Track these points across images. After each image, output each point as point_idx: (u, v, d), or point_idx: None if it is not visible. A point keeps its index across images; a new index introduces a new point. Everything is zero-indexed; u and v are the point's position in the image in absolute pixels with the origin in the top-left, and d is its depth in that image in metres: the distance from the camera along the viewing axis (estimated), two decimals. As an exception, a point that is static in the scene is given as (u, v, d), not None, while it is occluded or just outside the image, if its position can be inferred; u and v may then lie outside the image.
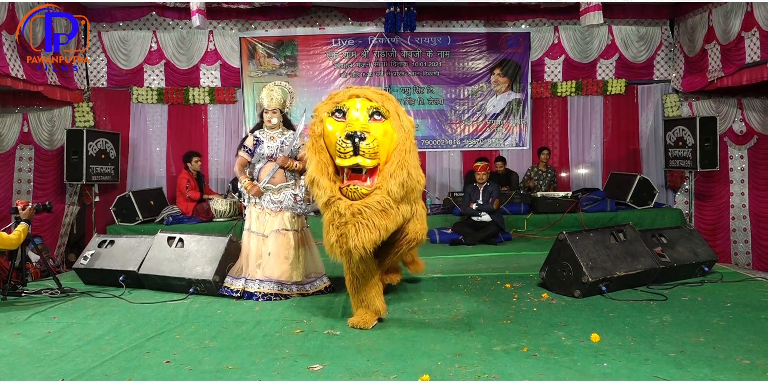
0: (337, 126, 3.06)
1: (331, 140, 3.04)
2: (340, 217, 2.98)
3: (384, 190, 2.99)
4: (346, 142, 2.91)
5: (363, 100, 3.12)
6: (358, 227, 2.95)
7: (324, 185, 3.00)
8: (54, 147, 7.16)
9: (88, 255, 4.86)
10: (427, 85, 8.33)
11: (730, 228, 7.74)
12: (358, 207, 2.97)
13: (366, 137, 2.91)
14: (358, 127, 2.95)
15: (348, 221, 2.97)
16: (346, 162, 2.94)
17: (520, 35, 8.26)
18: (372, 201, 2.97)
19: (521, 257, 5.68)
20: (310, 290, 4.36)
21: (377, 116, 3.07)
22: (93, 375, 2.74)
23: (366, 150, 2.90)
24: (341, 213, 2.97)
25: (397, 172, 3.01)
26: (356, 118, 3.04)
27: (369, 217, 2.95)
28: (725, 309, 3.69)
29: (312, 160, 3.07)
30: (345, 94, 3.20)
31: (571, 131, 8.42)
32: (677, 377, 2.56)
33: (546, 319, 3.51)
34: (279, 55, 8.18)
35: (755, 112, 7.58)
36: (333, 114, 3.12)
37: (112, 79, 7.92)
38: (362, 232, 2.95)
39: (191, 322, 3.64)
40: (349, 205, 2.97)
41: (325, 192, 3.00)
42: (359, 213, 2.95)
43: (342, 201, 2.99)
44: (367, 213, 2.95)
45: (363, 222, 2.95)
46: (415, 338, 3.19)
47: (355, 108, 3.08)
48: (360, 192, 2.99)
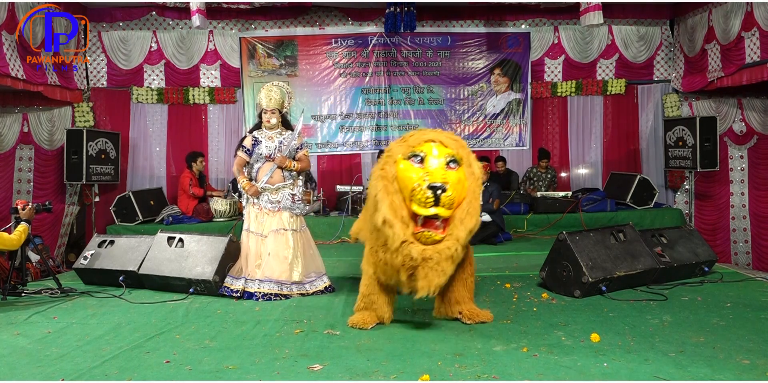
0: (413, 170, 3.10)
1: (406, 184, 3.09)
2: (412, 261, 3.08)
3: (454, 237, 3.09)
4: (427, 192, 2.98)
5: (439, 145, 3.17)
6: (427, 271, 3.06)
7: (398, 228, 3.08)
8: (54, 147, 7.16)
9: (88, 255, 4.86)
10: (427, 85, 8.33)
11: (730, 228, 7.74)
12: (429, 253, 3.06)
13: (447, 189, 2.98)
14: (439, 178, 3.01)
15: (419, 265, 3.07)
16: (426, 212, 3.01)
17: (520, 35, 8.26)
18: (442, 248, 3.07)
19: (521, 257, 5.68)
20: (310, 290, 4.36)
21: (453, 164, 3.13)
22: (93, 375, 2.74)
23: (446, 201, 2.98)
24: (413, 257, 3.06)
25: (467, 220, 3.11)
26: (435, 166, 3.09)
27: (439, 262, 3.06)
28: (725, 309, 3.69)
29: (385, 201, 3.12)
30: (421, 138, 3.24)
31: (571, 131, 8.42)
32: (677, 377, 2.56)
33: (546, 319, 3.51)
34: (279, 55, 8.17)
35: (755, 112, 7.58)
36: (410, 158, 3.16)
37: (112, 79, 7.92)
38: (431, 276, 3.06)
39: (191, 322, 3.64)
40: (422, 250, 3.06)
41: (399, 236, 3.07)
42: (430, 258, 3.06)
43: (414, 246, 3.07)
44: (437, 259, 3.06)
45: (434, 267, 3.06)
46: (415, 338, 3.19)
47: (433, 155, 3.12)
48: (433, 239, 3.08)
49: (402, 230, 3.06)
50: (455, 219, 3.10)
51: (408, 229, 3.08)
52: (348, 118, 8.30)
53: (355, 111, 8.30)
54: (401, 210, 3.09)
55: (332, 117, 8.30)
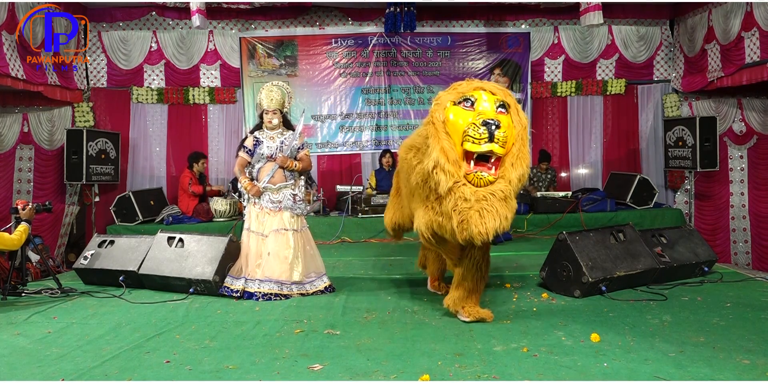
0: (464, 114, 3.11)
1: (457, 127, 3.08)
2: (465, 202, 3.02)
3: (506, 179, 3.07)
4: (481, 128, 2.98)
5: (488, 92, 3.21)
6: (483, 213, 3.01)
7: (449, 170, 3.04)
8: (54, 147, 7.16)
9: (88, 255, 4.86)
10: (427, 85, 8.33)
11: (729, 228, 7.74)
12: (483, 194, 3.03)
13: (501, 125, 2.99)
14: (492, 116, 3.03)
15: (473, 207, 3.02)
16: (480, 148, 2.99)
17: (520, 35, 8.26)
18: (496, 189, 3.05)
19: (521, 257, 5.68)
20: (310, 290, 4.36)
21: (502, 109, 3.16)
22: (93, 375, 2.74)
23: (500, 138, 2.97)
24: (467, 198, 3.01)
25: (517, 163, 3.10)
26: (487, 108, 3.11)
27: (493, 204, 3.02)
28: (725, 309, 3.69)
29: (436, 146, 3.09)
30: (469, 86, 3.28)
31: (571, 131, 8.41)
32: (677, 377, 2.56)
33: (546, 319, 3.51)
34: (279, 55, 8.17)
35: (755, 112, 7.59)
36: (459, 103, 3.17)
37: (112, 79, 7.91)
38: (486, 218, 3.01)
39: (191, 322, 3.64)
40: (475, 191, 3.03)
41: (451, 177, 3.03)
42: (484, 199, 3.02)
43: (467, 187, 3.04)
44: (491, 200, 3.02)
45: (488, 208, 3.01)
46: (415, 338, 3.19)
47: (483, 99, 3.15)
48: (486, 180, 3.05)
49: (454, 172, 3.03)
50: (506, 162, 3.10)
51: (460, 170, 3.06)
52: (348, 118, 8.30)
53: (355, 111, 8.30)
54: (452, 154, 3.07)
55: (332, 117, 8.30)
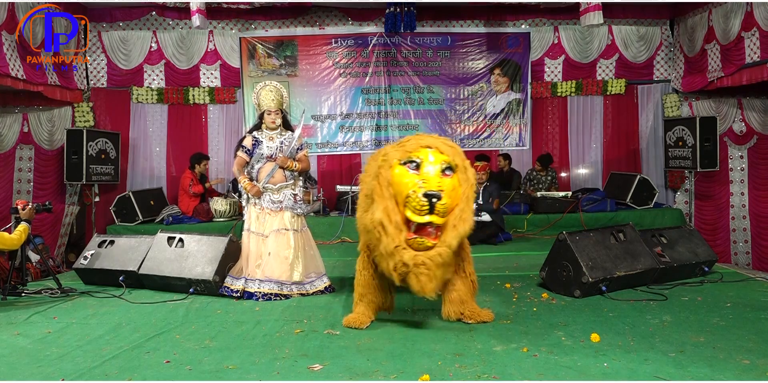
0: (408, 177, 3.11)
1: (401, 190, 3.10)
2: (404, 266, 3.10)
3: (446, 244, 3.11)
4: (422, 200, 2.99)
5: (435, 152, 3.17)
6: (420, 277, 3.09)
7: (391, 233, 3.09)
8: (54, 147, 7.16)
9: (88, 255, 4.86)
10: (427, 85, 8.33)
11: (730, 228, 7.74)
12: (421, 259, 3.08)
13: (442, 197, 3.00)
14: (434, 186, 3.02)
15: (411, 271, 3.10)
16: (420, 219, 3.03)
17: (520, 35, 8.26)
18: (434, 254, 3.09)
19: (521, 257, 5.68)
20: (310, 290, 4.36)
21: (448, 171, 3.14)
22: (93, 375, 2.74)
23: (440, 210, 2.99)
24: (405, 263, 3.09)
25: (459, 225, 3.12)
26: (431, 173, 3.10)
27: (431, 268, 3.08)
28: (725, 309, 3.68)
29: (380, 206, 3.13)
30: (417, 144, 3.24)
31: (571, 131, 8.42)
32: (677, 377, 2.55)
33: (546, 319, 3.51)
34: (279, 55, 8.17)
35: (755, 112, 7.59)
36: (405, 163, 3.16)
37: (112, 79, 7.92)
38: (423, 281, 3.09)
39: (191, 322, 3.64)
40: (414, 256, 3.08)
41: (393, 241, 3.09)
42: (423, 264, 3.08)
43: (407, 252, 3.09)
44: (429, 265, 3.08)
45: (426, 272, 3.08)
46: (415, 338, 3.19)
47: (429, 161, 3.13)
48: (425, 245, 3.10)
49: (395, 235, 3.08)
50: (448, 225, 3.12)
51: (401, 234, 3.10)
52: (348, 118, 8.30)
53: (355, 111, 8.30)
54: (395, 216, 3.10)
55: (332, 117, 8.30)
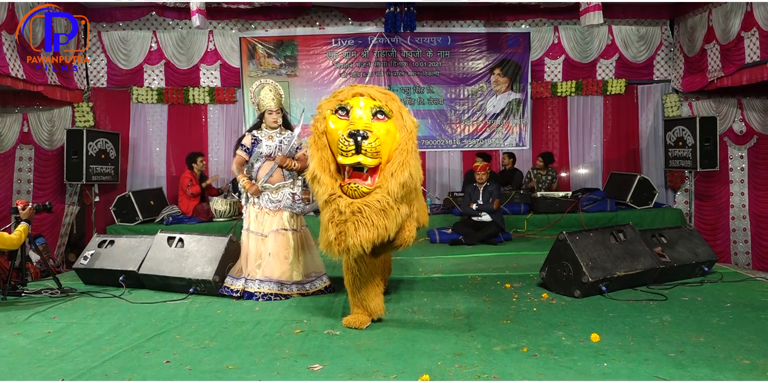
0: (339, 124, 3.06)
1: (334, 137, 3.03)
2: (340, 215, 2.98)
3: (384, 189, 2.99)
4: (348, 140, 2.91)
5: (367, 98, 3.11)
6: (357, 225, 2.96)
7: (325, 182, 3.01)
8: (54, 147, 7.16)
9: (88, 255, 4.86)
10: (427, 85, 8.33)
11: (730, 228, 7.74)
12: (358, 206, 2.97)
13: (368, 136, 2.91)
14: (360, 126, 2.95)
15: (348, 219, 2.97)
16: (347, 160, 2.94)
17: (520, 35, 8.26)
18: (372, 200, 2.97)
19: (521, 257, 5.68)
20: (310, 290, 4.36)
21: (380, 115, 3.06)
22: (93, 375, 2.74)
23: (368, 149, 2.90)
24: (341, 210, 2.97)
25: (398, 172, 3.01)
26: (359, 116, 3.03)
27: (368, 216, 2.95)
28: (725, 309, 3.69)
29: (314, 157, 3.07)
30: (349, 92, 3.19)
31: (571, 131, 8.41)
32: (677, 377, 2.56)
33: (546, 319, 3.51)
34: (279, 55, 8.17)
35: (755, 112, 7.58)
36: (336, 111, 3.11)
37: (112, 79, 7.92)
38: (361, 230, 2.95)
39: (191, 322, 3.64)
40: (350, 203, 2.97)
41: (326, 190, 3.00)
42: (359, 211, 2.96)
43: (342, 199, 2.99)
44: (366, 212, 2.95)
45: (362, 220, 2.95)
46: (415, 338, 3.19)
47: (359, 106, 3.07)
48: (360, 191, 2.99)
49: (330, 184, 2.99)
50: (385, 171, 3.03)
51: (336, 183, 3.02)
52: (348, 118, 8.29)
53: (355, 111, 8.28)
54: (330, 165, 3.03)
55: (332, 117, 8.28)
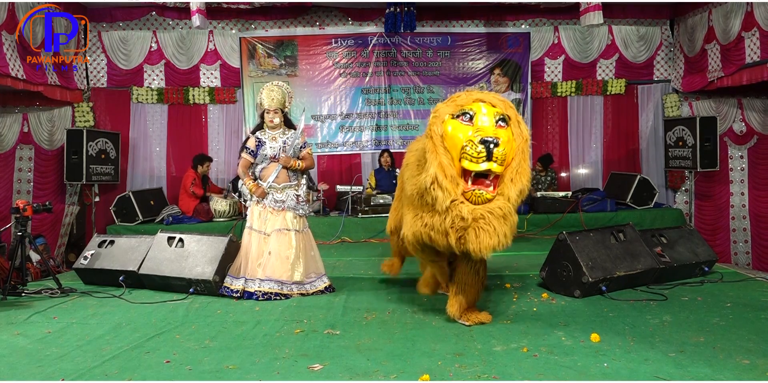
0: (462, 129, 3.03)
1: (455, 142, 3.01)
2: (462, 221, 2.97)
3: (505, 196, 3.01)
4: (479, 147, 2.90)
5: (488, 105, 3.12)
6: (478, 232, 2.96)
7: (447, 187, 2.98)
8: (54, 147, 7.16)
9: (88, 255, 4.86)
10: (427, 85, 8.33)
11: (730, 228, 7.73)
12: (481, 213, 2.97)
13: (499, 143, 2.91)
14: (490, 133, 2.94)
15: (470, 225, 2.97)
16: (477, 167, 2.93)
17: (520, 35, 8.25)
18: (494, 207, 2.98)
19: (521, 257, 5.67)
20: (310, 290, 4.36)
21: (502, 123, 3.07)
22: (93, 375, 2.74)
23: (498, 156, 2.90)
24: (464, 217, 2.96)
25: (516, 179, 3.04)
26: (486, 123, 3.02)
27: (491, 222, 2.96)
28: (725, 309, 3.69)
29: (434, 161, 3.03)
30: (469, 98, 3.18)
31: (571, 131, 8.41)
32: (677, 377, 2.56)
33: (546, 319, 3.51)
34: (279, 55, 8.17)
35: (755, 112, 7.58)
36: (458, 116, 3.08)
37: (112, 79, 7.91)
38: (482, 237, 2.96)
39: (191, 322, 3.64)
40: (472, 210, 2.97)
41: (449, 195, 2.97)
42: (482, 218, 2.96)
43: (465, 205, 2.98)
44: (489, 219, 2.96)
45: (485, 227, 2.96)
46: (415, 338, 3.19)
47: (482, 113, 3.06)
48: (484, 198, 2.99)
49: (452, 189, 2.97)
50: (505, 178, 3.03)
51: (458, 188, 3.00)
52: (348, 118, 8.30)
53: (355, 111, 8.29)
54: (450, 170, 3.01)
55: (332, 117, 8.30)
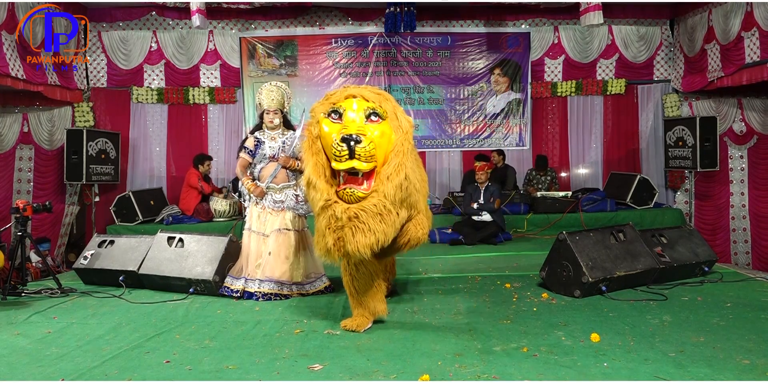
0: (333, 127, 2.99)
1: (328, 142, 2.96)
2: (337, 221, 2.93)
3: (381, 193, 2.93)
4: (341, 145, 2.84)
5: (360, 100, 3.04)
6: (354, 231, 2.91)
7: (321, 188, 2.95)
8: (54, 147, 7.16)
9: (88, 255, 4.86)
10: (427, 85, 8.33)
11: (730, 228, 7.74)
12: (354, 211, 2.92)
13: (362, 140, 2.85)
14: (353, 130, 2.88)
15: (345, 225, 2.92)
16: (341, 165, 2.88)
17: (520, 35, 8.26)
18: (368, 205, 2.92)
19: (521, 257, 5.67)
20: (310, 290, 4.36)
21: (374, 117, 3.00)
22: (93, 375, 2.74)
23: (362, 153, 2.84)
24: (338, 216, 2.92)
25: (393, 175, 2.95)
26: (352, 119, 2.97)
27: (365, 221, 2.90)
28: (725, 309, 3.69)
29: (309, 162, 3.02)
30: (342, 95, 3.12)
31: (571, 131, 8.42)
32: (677, 377, 2.56)
33: (546, 319, 3.51)
34: (279, 55, 8.17)
35: (755, 112, 7.59)
36: (329, 115, 3.04)
37: (112, 79, 7.92)
38: (358, 236, 2.90)
39: (191, 322, 3.64)
40: (346, 209, 2.92)
41: (322, 196, 2.94)
42: (355, 217, 2.91)
43: (338, 205, 2.94)
44: (363, 217, 2.90)
45: (359, 226, 2.90)
46: (415, 338, 3.19)
47: (352, 109, 3.00)
48: (356, 196, 2.94)
49: (325, 190, 2.93)
50: (381, 174, 2.96)
51: (332, 189, 2.96)
52: (348, 118, 8.28)
53: (355, 111, 8.28)
54: (324, 170, 2.97)
55: (332, 117, 8.28)
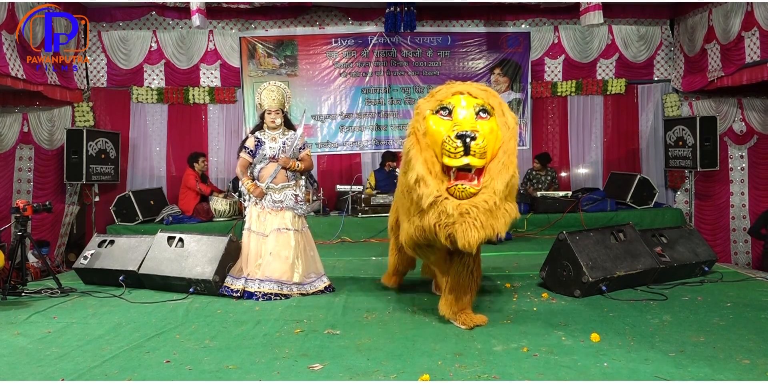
0: (442, 124, 3.01)
1: (436, 138, 2.99)
2: (448, 217, 2.95)
3: (490, 189, 2.97)
4: (456, 142, 2.87)
5: (467, 96, 3.08)
6: (466, 227, 2.93)
7: (431, 184, 2.96)
8: (54, 147, 7.16)
9: (88, 255, 4.86)
10: (427, 84, 8.31)
11: (730, 228, 7.74)
12: (466, 207, 2.94)
13: (476, 137, 2.87)
14: (467, 127, 2.91)
15: (456, 221, 2.94)
16: (456, 162, 2.90)
17: (520, 35, 8.25)
18: (479, 201, 2.95)
19: (521, 257, 5.67)
20: (310, 290, 4.36)
21: (483, 114, 3.03)
22: (93, 375, 2.74)
23: (476, 150, 2.87)
24: (449, 213, 2.93)
25: (502, 171, 2.99)
26: (464, 116, 2.99)
27: (476, 217, 2.93)
28: (725, 309, 3.68)
29: (418, 159, 3.02)
30: (448, 91, 3.15)
31: (571, 131, 8.41)
32: (677, 377, 2.56)
33: (546, 319, 3.50)
34: (279, 54, 8.17)
35: (755, 112, 7.59)
36: (437, 112, 3.07)
37: (112, 78, 7.91)
38: (470, 232, 2.93)
39: (191, 322, 3.64)
40: (457, 205, 2.94)
41: (432, 192, 2.96)
42: (467, 212, 2.93)
43: (449, 201, 2.95)
44: (474, 213, 2.93)
45: (471, 221, 2.93)
46: (415, 338, 3.19)
47: (461, 106, 3.03)
48: (468, 192, 2.96)
49: (435, 186, 2.95)
50: (490, 171, 2.99)
51: (442, 185, 2.98)
52: (348, 117, 8.30)
53: (355, 111, 8.29)
54: (434, 167, 2.99)
55: (332, 117, 8.30)
